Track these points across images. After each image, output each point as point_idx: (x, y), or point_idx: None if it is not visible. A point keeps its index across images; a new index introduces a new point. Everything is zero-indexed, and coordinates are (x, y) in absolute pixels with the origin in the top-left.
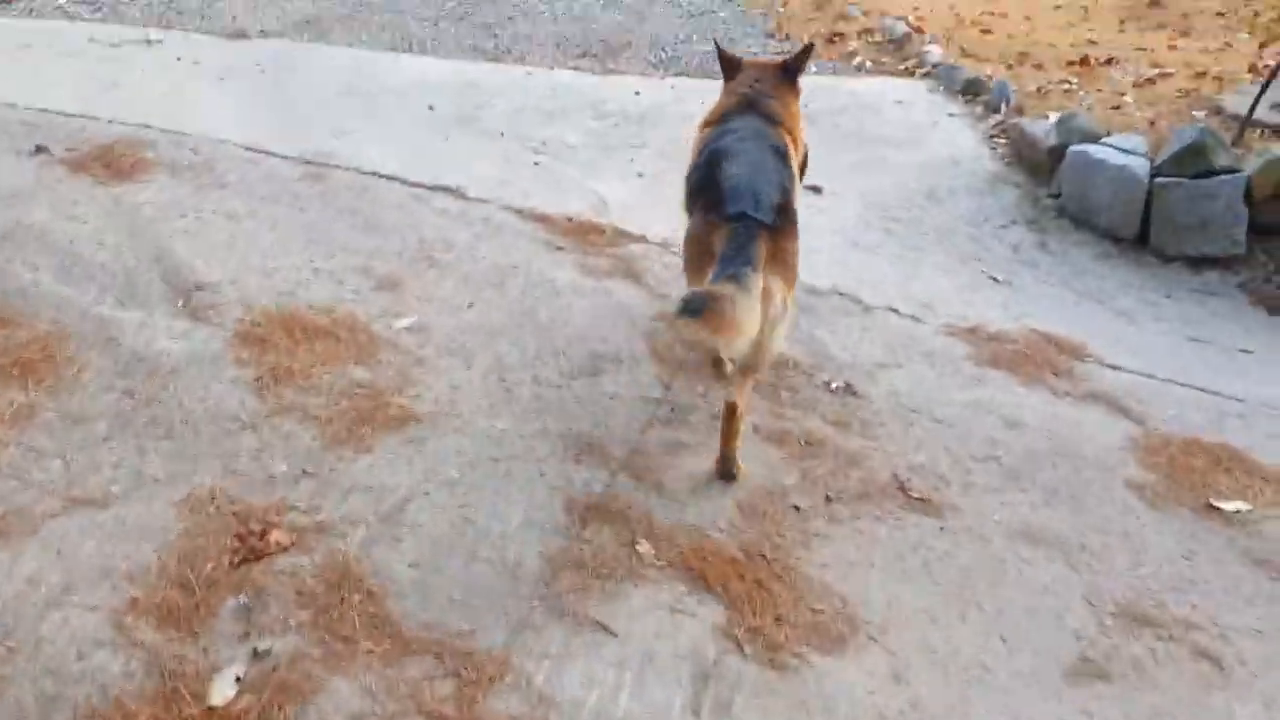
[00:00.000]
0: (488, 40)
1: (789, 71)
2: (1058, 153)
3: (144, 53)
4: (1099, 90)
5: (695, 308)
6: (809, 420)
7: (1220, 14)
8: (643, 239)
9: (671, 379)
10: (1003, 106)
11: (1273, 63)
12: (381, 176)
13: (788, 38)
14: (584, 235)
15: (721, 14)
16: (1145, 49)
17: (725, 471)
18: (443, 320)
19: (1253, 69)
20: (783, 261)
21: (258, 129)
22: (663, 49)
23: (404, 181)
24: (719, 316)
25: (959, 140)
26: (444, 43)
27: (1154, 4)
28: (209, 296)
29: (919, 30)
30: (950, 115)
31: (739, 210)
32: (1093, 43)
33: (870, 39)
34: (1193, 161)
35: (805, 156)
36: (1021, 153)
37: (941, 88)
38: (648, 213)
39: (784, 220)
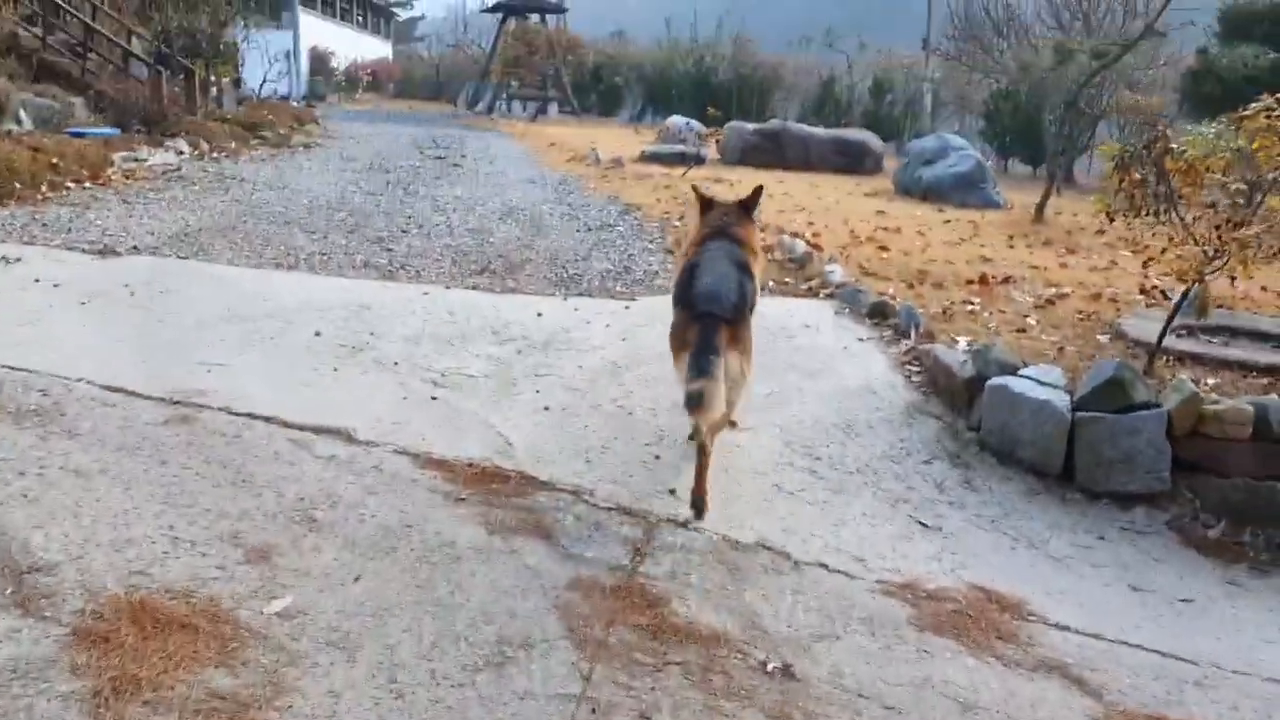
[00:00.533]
0: (381, 255)
1: (746, 208)
2: (976, 384)
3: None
4: (1001, 311)
5: (693, 403)
6: (746, 713)
7: (1100, 232)
8: (551, 486)
9: (591, 666)
10: (912, 332)
11: (1159, 282)
12: (258, 418)
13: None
14: (487, 484)
15: (619, 227)
16: (1038, 267)
17: (698, 505)
18: (324, 600)
19: (1143, 290)
20: (740, 341)
21: (120, 363)
22: (563, 266)
23: (284, 423)
24: (702, 406)
25: (872, 367)
26: (334, 258)
27: (1037, 220)
28: (45, 581)
29: (817, 248)
30: (860, 340)
31: (706, 310)
32: (986, 259)
33: (770, 257)
34: (1112, 396)
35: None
36: (937, 381)
37: (848, 310)
38: (556, 455)
39: (739, 314)
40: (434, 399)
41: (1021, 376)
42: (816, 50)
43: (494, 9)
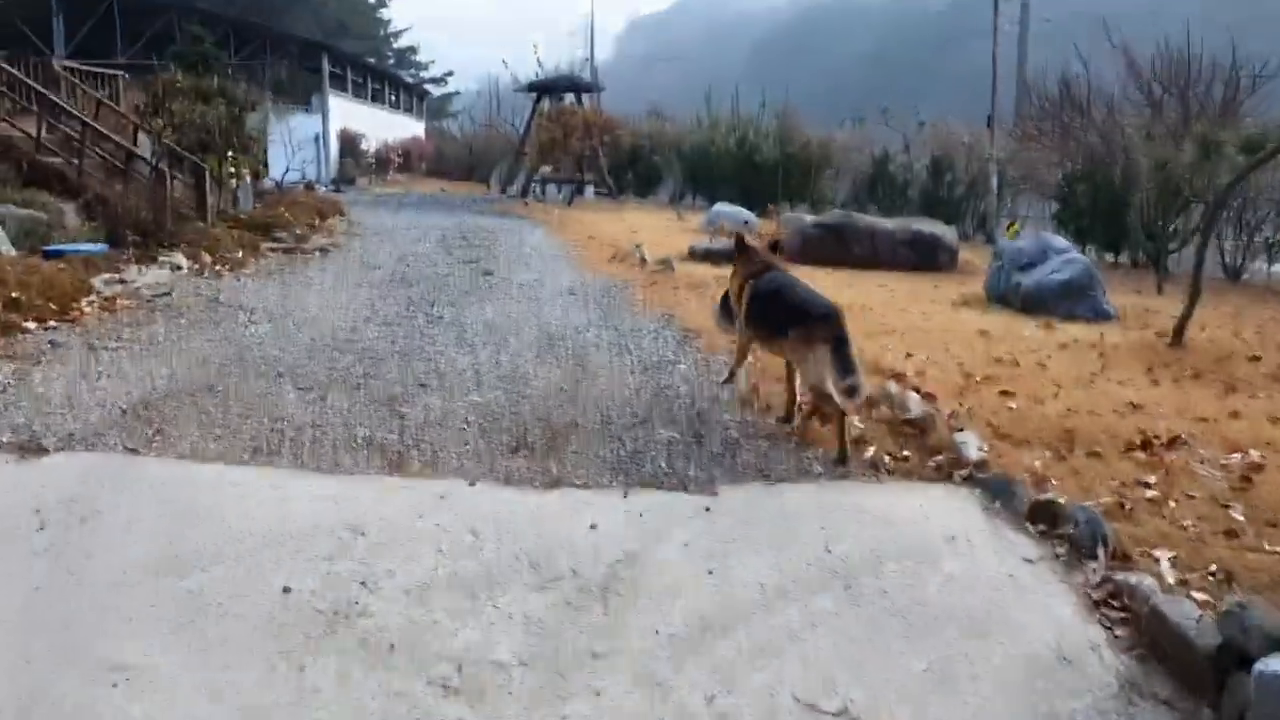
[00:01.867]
0: (390, 426)
1: (774, 248)
2: (1227, 662)
3: None
4: (1190, 497)
5: (855, 394)
6: None
7: (1254, 358)
8: None
9: None
10: (1099, 551)
11: None
12: None
13: (769, 408)
14: None
15: (680, 365)
16: (1206, 418)
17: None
18: None
19: None
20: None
21: None
22: (618, 436)
23: None
24: (860, 395)
25: (1057, 614)
26: (329, 434)
27: (1175, 344)
28: None
29: (930, 397)
30: (1027, 562)
31: (823, 312)
32: (1135, 406)
33: (875, 413)
34: None
35: None
36: (1158, 643)
37: (998, 506)
38: None
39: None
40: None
41: None
42: (871, 125)
43: (528, 89)
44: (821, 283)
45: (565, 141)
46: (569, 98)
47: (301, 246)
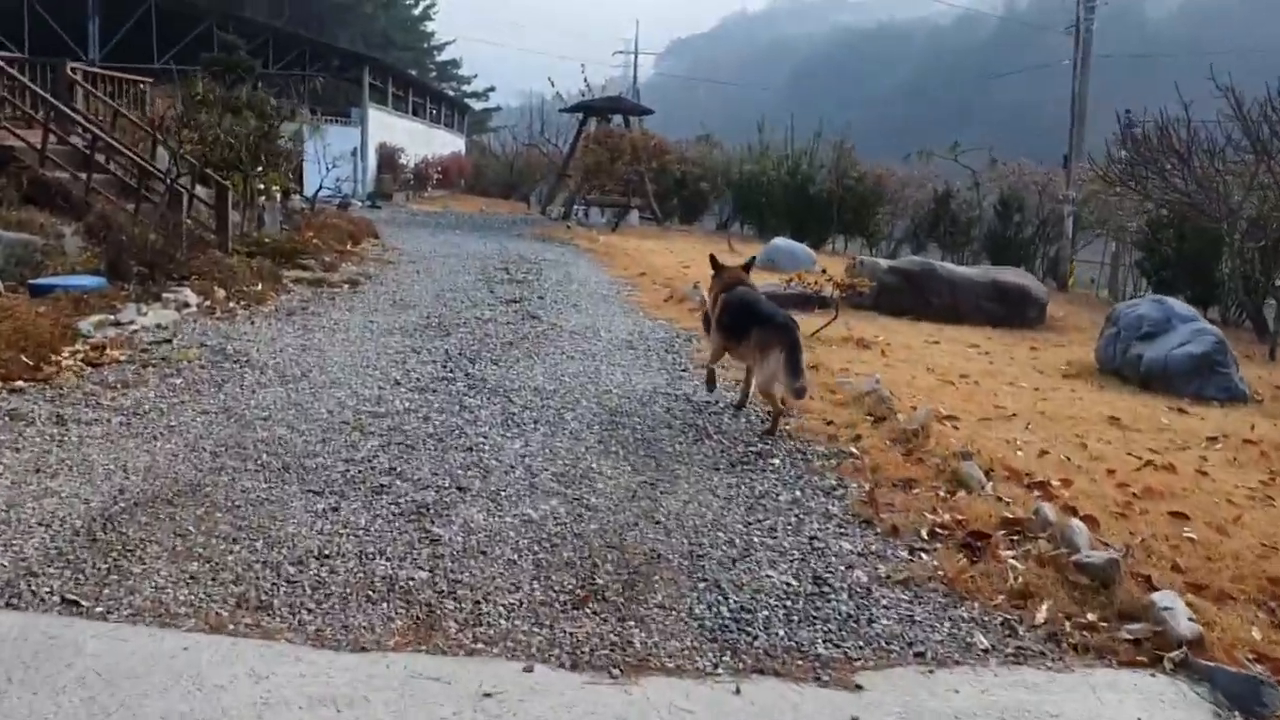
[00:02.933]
0: (419, 560)
1: (748, 267)
2: None
3: None
4: None
5: (803, 394)
6: None
7: None
8: None
9: None
10: None
11: None
12: None
13: (895, 531)
14: None
15: (775, 458)
16: None
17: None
18: None
19: None
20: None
21: None
22: (715, 583)
23: None
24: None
25: None
26: (340, 567)
27: None
28: None
29: (1089, 521)
30: None
31: (781, 322)
32: None
33: (1035, 550)
34: None
35: None
36: None
37: (1237, 717)
38: None
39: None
40: None
41: None
42: (940, 162)
43: (574, 109)
44: (906, 340)
45: (612, 165)
46: (616, 119)
47: (329, 278)
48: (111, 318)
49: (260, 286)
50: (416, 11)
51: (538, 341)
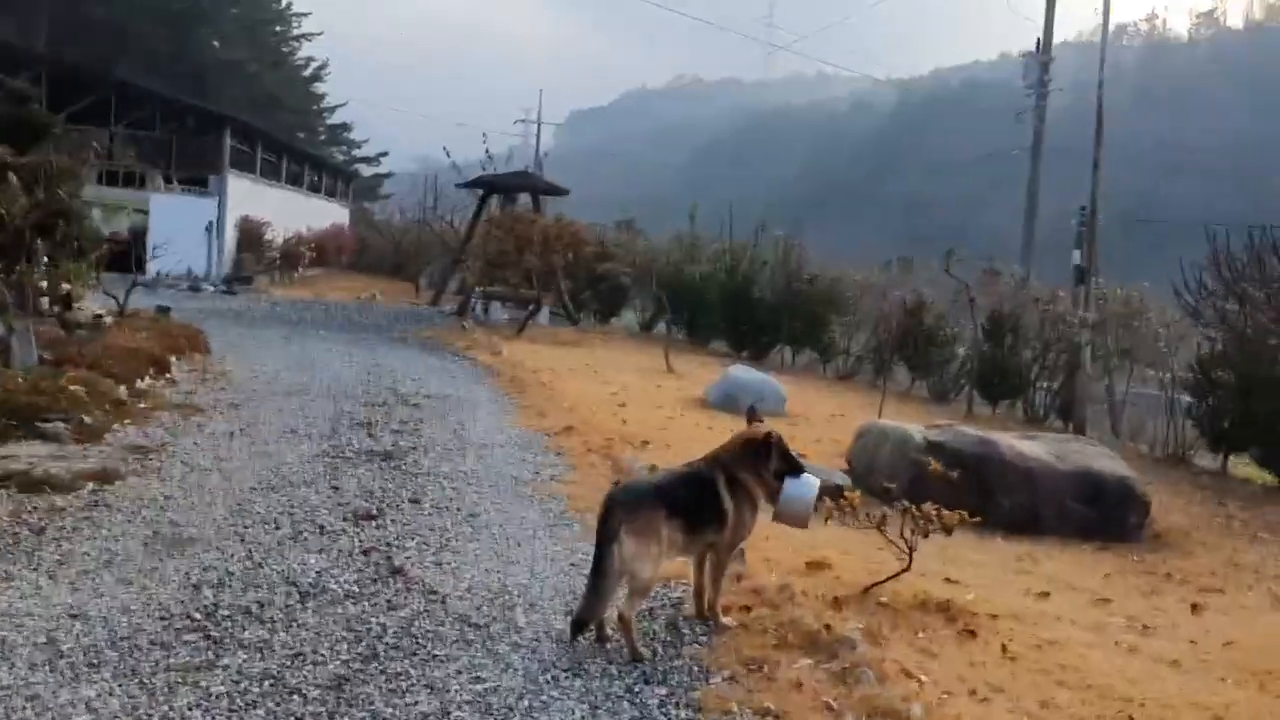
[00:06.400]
0: None
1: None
2: None
3: None
4: None
5: None
6: None
7: None
8: None
9: None
10: None
11: None
12: None
13: None
14: None
15: None
16: None
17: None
18: None
19: None
20: None
21: None
22: None
23: None
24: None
25: None
26: None
27: None
28: None
29: None
30: None
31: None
32: None
33: None
34: None
35: None
36: None
37: None
38: None
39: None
40: None
41: None
42: (927, 273)
43: (473, 184)
44: (994, 584)
45: (519, 256)
46: (523, 198)
47: (65, 470)
48: None
49: None
50: (307, 73)
51: (398, 661)
